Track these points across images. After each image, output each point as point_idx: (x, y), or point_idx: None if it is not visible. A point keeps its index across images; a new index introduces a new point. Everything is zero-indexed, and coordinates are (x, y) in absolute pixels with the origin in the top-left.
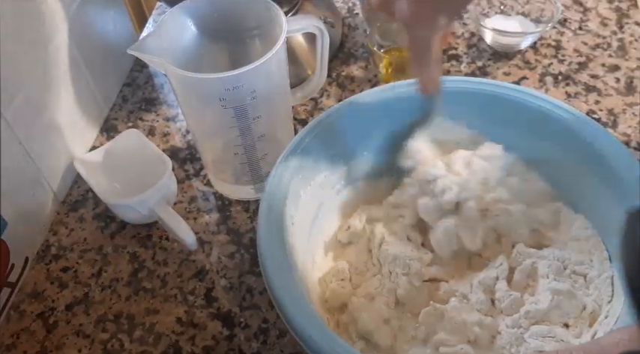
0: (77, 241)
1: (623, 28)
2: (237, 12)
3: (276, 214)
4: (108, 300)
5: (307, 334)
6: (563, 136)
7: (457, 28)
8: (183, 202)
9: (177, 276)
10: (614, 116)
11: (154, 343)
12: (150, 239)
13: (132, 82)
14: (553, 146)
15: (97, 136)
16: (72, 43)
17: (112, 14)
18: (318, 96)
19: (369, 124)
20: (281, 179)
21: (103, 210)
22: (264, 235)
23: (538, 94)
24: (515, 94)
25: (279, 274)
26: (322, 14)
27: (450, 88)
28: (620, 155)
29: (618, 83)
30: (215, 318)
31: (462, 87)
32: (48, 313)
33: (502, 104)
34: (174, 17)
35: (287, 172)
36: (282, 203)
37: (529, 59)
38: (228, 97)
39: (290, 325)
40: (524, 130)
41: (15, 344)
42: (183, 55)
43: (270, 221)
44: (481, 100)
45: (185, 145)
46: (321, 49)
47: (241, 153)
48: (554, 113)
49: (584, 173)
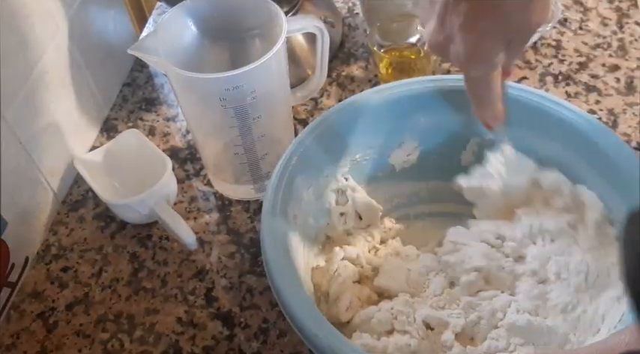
0: (77, 241)
1: (624, 28)
2: (237, 12)
3: (279, 216)
4: (108, 300)
5: (314, 333)
6: (568, 136)
7: None
8: (183, 202)
9: (178, 276)
10: (614, 116)
11: (154, 343)
12: (150, 239)
13: (132, 82)
14: (557, 145)
15: (97, 136)
16: (72, 43)
17: (112, 14)
18: (318, 96)
19: (371, 123)
20: (283, 180)
21: (103, 210)
22: (268, 238)
23: (541, 93)
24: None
25: (283, 276)
26: (322, 14)
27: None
28: (624, 155)
29: (618, 83)
30: (215, 318)
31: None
32: (48, 313)
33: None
34: (175, 17)
35: (289, 172)
36: (285, 204)
37: (529, 59)
38: (228, 97)
39: (297, 326)
40: (525, 128)
41: (15, 344)
42: (183, 55)
43: (274, 224)
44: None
45: (185, 145)
46: (321, 49)
47: (241, 153)
48: (555, 111)
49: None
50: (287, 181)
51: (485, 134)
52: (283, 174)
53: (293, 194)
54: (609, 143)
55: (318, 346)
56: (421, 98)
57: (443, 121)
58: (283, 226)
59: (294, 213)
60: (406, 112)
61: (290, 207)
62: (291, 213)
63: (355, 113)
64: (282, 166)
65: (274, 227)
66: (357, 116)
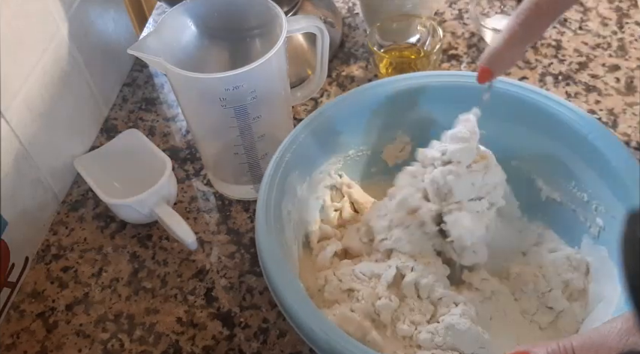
0: (77, 240)
1: (623, 28)
2: (237, 12)
3: (273, 211)
4: (108, 300)
5: (309, 327)
6: (566, 134)
7: (457, 28)
8: (183, 202)
9: (178, 276)
10: (614, 116)
11: (154, 343)
12: (150, 239)
13: (132, 82)
14: (554, 143)
15: (97, 136)
16: (72, 42)
17: (112, 14)
18: (318, 96)
19: (364, 118)
20: (277, 175)
21: (103, 210)
22: (262, 232)
23: (540, 91)
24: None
25: (278, 270)
26: (322, 14)
27: (453, 83)
28: (622, 157)
29: (618, 83)
30: (215, 318)
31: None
32: (48, 312)
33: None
34: (175, 17)
35: (283, 168)
36: (279, 199)
37: (529, 59)
38: (228, 97)
39: (294, 322)
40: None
41: (15, 344)
42: (183, 55)
43: (269, 218)
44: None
45: (185, 145)
46: (321, 49)
47: (241, 153)
48: (553, 110)
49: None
50: (281, 177)
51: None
52: (277, 169)
53: (287, 190)
54: (607, 144)
55: (316, 340)
56: (414, 94)
57: (435, 116)
58: (279, 223)
59: (287, 209)
60: (399, 107)
61: (284, 202)
62: (285, 209)
63: (349, 108)
64: (276, 161)
65: (269, 223)
66: (352, 112)
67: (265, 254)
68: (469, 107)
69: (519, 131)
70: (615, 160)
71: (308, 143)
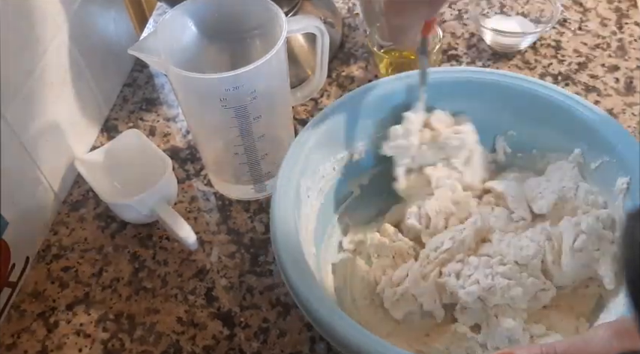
0: (78, 240)
1: (623, 29)
2: (237, 12)
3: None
4: (108, 300)
5: (318, 314)
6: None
7: (457, 29)
8: (183, 202)
9: (178, 276)
10: (613, 116)
11: (154, 343)
12: (150, 239)
13: (132, 82)
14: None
15: (98, 136)
16: (72, 43)
17: (113, 14)
18: (318, 96)
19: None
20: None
21: (103, 210)
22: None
23: (546, 84)
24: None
25: (290, 251)
26: (322, 14)
27: (452, 78)
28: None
29: (618, 83)
30: (215, 318)
31: (464, 76)
32: (49, 312)
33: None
34: (175, 17)
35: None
36: (298, 178)
37: (529, 59)
38: (228, 97)
39: (299, 300)
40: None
41: (16, 344)
42: (183, 55)
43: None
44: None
45: (185, 145)
46: (321, 49)
47: (241, 153)
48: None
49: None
50: (304, 159)
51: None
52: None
53: (308, 168)
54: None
55: (316, 317)
56: (412, 92)
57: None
58: (295, 201)
59: (307, 185)
60: (399, 105)
61: (303, 180)
62: (304, 185)
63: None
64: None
65: (286, 201)
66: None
67: (279, 232)
68: (470, 103)
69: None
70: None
71: (311, 141)
